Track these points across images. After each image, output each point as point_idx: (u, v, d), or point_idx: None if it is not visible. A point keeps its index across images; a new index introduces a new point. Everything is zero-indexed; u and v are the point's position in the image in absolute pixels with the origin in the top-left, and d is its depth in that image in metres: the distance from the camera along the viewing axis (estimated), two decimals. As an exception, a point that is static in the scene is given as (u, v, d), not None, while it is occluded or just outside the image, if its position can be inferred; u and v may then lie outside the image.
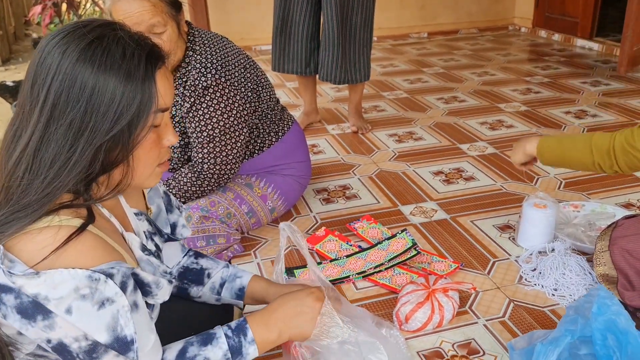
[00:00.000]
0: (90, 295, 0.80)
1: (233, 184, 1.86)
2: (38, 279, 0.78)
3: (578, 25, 4.95)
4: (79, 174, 0.81)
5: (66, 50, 0.79)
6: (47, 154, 0.80)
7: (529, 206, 1.77)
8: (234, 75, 1.73)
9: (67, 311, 0.79)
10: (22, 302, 0.78)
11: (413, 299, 1.45)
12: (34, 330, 0.80)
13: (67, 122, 0.79)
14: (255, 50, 5.09)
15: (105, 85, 0.79)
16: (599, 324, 1.05)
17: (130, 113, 0.81)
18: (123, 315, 0.83)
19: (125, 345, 0.83)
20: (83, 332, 0.81)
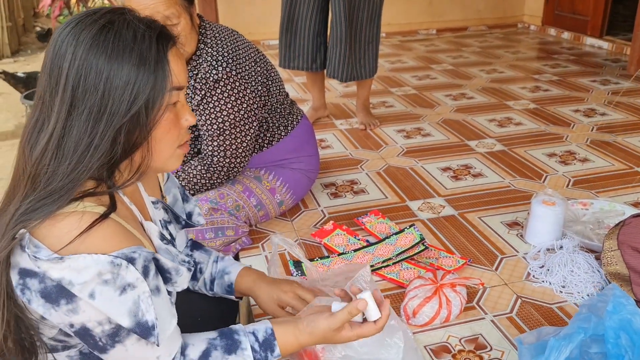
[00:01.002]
0: (112, 280, 0.81)
1: (242, 177, 1.86)
2: (62, 263, 0.79)
3: (588, 24, 4.92)
4: (102, 158, 0.82)
5: (79, 37, 0.81)
6: (71, 140, 0.81)
7: (537, 203, 1.76)
8: (245, 68, 1.74)
9: (90, 296, 0.80)
10: (46, 287, 0.80)
11: (421, 294, 1.45)
12: (57, 314, 0.82)
13: (87, 108, 0.81)
14: (264, 44, 5.09)
15: (120, 68, 0.81)
16: (613, 323, 1.05)
17: (145, 93, 0.82)
18: (144, 301, 0.84)
19: (147, 330, 0.84)
20: (106, 316, 0.82)
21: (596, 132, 2.78)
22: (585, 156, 2.50)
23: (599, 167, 2.39)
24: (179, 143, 0.92)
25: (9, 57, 5.82)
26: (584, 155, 2.50)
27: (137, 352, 0.87)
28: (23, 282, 0.81)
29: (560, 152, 2.55)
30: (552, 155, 2.52)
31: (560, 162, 2.44)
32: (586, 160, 2.46)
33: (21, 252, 0.81)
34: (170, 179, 1.16)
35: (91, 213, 0.82)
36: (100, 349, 0.85)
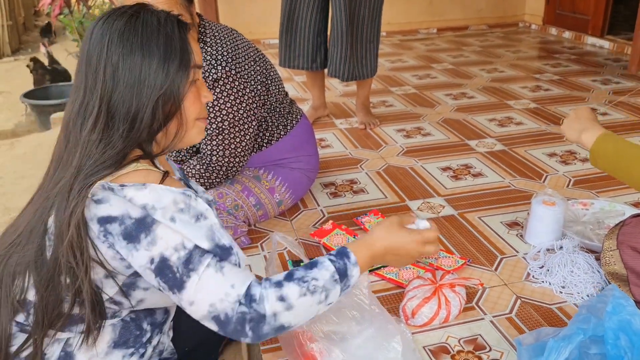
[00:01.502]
0: (186, 209, 0.93)
1: (241, 176, 1.86)
2: (145, 189, 0.91)
3: (589, 23, 4.91)
4: (147, 127, 0.95)
5: (112, 26, 0.95)
6: (118, 113, 0.94)
7: (537, 203, 1.76)
8: (244, 68, 1.73)
9: (171, 219, 0.91)
10: (126, 227, 0.91)
11: (420, 294, 1.44)
12: (139, 253, 0.91)
13: (129, 84, 0.93)
14: (264, 43, 5.08)
15: (151, 49, 0.94)
16: (612, 324, 1.04)
17: (174, 68, 0.95)
18: (217, 230, 0.95)
19: (226, 250, 0.95)
20: (183, 238, 0.91)
21: (597, 132, 2.77)
22: (586, 156, 2.49)
23: (600, 167, 2.38)
24: (198, 116, 1.03)
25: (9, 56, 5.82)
26: (585, 155, 2.50)
27: (210, 280, 0.92)
28: (104, 229, 0.91)
29: (561, 151, 2.54)
30: (553, 155, 2.51)
31: (560, 162, 2.44)
32: (587, 160, 2.45)
33: (96, 205, 0.91)
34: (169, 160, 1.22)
35: (154, 171, 0.96)
36: (179, 283, 0.92)
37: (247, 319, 0.92)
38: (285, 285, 0.96)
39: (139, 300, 1.02)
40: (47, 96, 4.16)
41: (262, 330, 0.93)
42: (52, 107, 3.89)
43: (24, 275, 0.95)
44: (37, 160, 3.07)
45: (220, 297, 0.92)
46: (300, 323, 0.98)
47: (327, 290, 0.99)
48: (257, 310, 0.92)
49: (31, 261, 0.95)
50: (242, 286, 0.93)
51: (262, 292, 0.94)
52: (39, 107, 3.96)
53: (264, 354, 1.36)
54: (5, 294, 0.96)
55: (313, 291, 0.97)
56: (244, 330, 0.92)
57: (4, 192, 2.72)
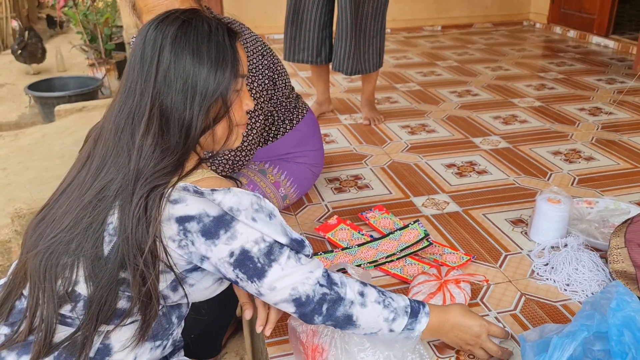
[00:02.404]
0: (260, 209, 0.99)
1: (247, 170, 1.86)
2: (229, 193, 0.95)
3: (594, 22, 4.90)
4: (201, 132, 0.99)
5: (164, 31, 0.97)
6: (173, 118, 0.96)
7: (542, 200, 1.76)
8: (252, 62, 1.73)
9: (253, 219, 0.96)
10: (204, 225, 0.95)
11: (425, 290, 1.45)
12: (218, 248, 0.96)
13: (180, 89, 0.96)
14: (268, 38, 5.07)
15: (201, 55, 0.97)
16: (616, 320, 1.04)
17: (225, 76, 0.98)
18: (286, 226, 1.02)
19: (300, 243, 1.02)
20: (263, 235, 0.97)
21: (601, 131, 2.77)
22: (591, 154, 2.49)
23: (604, 165, 2.38)
24: (239, 124, 1.08)
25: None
26: (589, 154, 2.49)
27: (291, 268, 1.00)
28: (183, 227, 0.95)
29: (565, 150, 2.54)
30: (557, 153, 2.51)
31: (565, 160, 2.44)
32: (591, 158, 2.45)
33: (172, 205, 0.94)
34: None
35: (225, 180, 1.01)
36: (260, 272, 0.98)
37: (327, 299, 1.02)
38: (368, 286, 1.07)
39: (182, 295, 1.05)
40: (50, 88, 4.16)
41: (336, 312, 1.03)
42: (56, 99, 3.89)
43: (74, 268, 0.96)
44: (41, 151, 3.07)
45: (302, 281, 1.00)
46: (363, 327, 1.07)
47: (397, 314, 1.08)
48: (338, 292, 1.03)
49: (85, 255, 0.95)
50: (319, 270, 1.03)
51: (344, 280, 1.04)
52: (43, 99, 3.96)
53: (268, 347, 1.36)
54: (50, 286, 0.96)
55: (387, 305, 1.07)
56: (321, 309, 1.02)
57: (8, 183, 2.73)
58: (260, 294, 1.01)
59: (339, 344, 1.14)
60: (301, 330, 1.19)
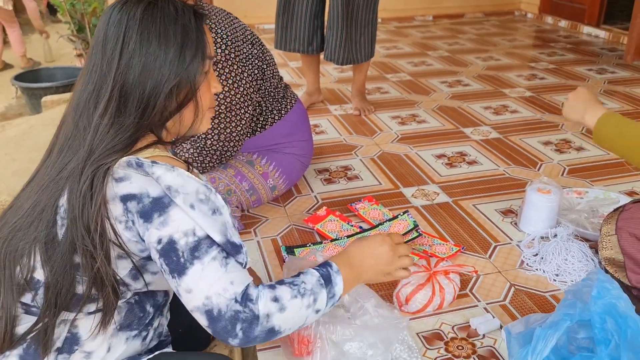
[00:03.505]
0: (206, 200, 0.93)
1: (234, 161, 1.84)
2: (173, 172, 0.91)
3: (585, 12, 4.90)
4: (159, 113, 0.96)
5: (130, 13, 0.95)
6: (132, 98, 0.94)
7: (532, 191, 1.75)
8: (243, 51, 1.71)
9: (191, 206, 0.91)
10: (143, 206, 0.91)
11: (414, 281, 1.44)
12: (150, 232, 0.91)
13: (145, 71, 0.94)
14: (258, 28, 5.03)
15: (168, 37, 0.95)
16: (598, 308, 1.04)
17: (190, 58, 0.96)
18: (229, 227, 0.95)
19: (236, 248, 0.95)
20: (196, 226, 0.91)
21: (592, 121, 2.77)
22: (581, 145, 2.48)
23: (594, 155, 2.38)
24: (208, 107, 1.05)
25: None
26: (580, 144, 2.49)
27: (212, 273, 0.91)
28: (126, 207, 0.91)
29: (556, 140, 2.54)
30: (548, 143, 2.50)
31: (555, 150, 2.43)
32: (581, 148, 2.45)
33: (116, 183, 0.91)
34: None
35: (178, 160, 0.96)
36: (181, 268, 0.91)
37: (240, 318, 0.91)
38: (278, 287, 0.97)
39: (147, 283, 1.01)
40: (37, 79, 4.11)
41: (253, 332, 0.92)
42: (43, 89, 3.85)
43: (31, 254, 0.94)
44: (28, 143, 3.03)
45: (217, 291, 0.91)
46: (290, 328, 0.98)
47: (315, 294, 1.00)
48: (252, 310, 0.91)
49: (39, 239, 0.93)
50: (241, 285, 0.92)
51: (259, 293, 0.94)
52: (30, 90, 3.91)
53: (256, 340, 1.35)
54: (9, 274, 0.94)
55: (303, 294, 0.98)
56: (234, 330, 0.91)
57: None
58: (179, 294, 0.94)
59: (324, 335, 1.13)
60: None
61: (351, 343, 1.14)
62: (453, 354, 1.30)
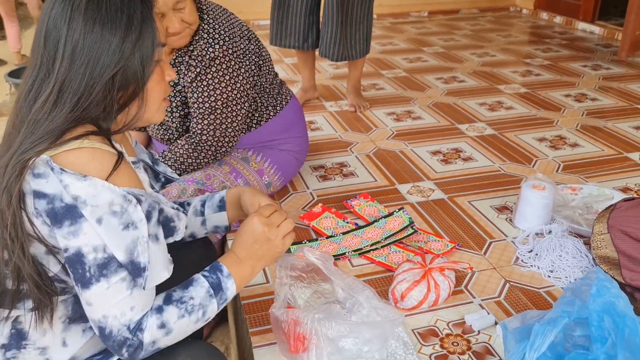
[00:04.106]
0: (120, 213, 0.89)
1: (229, 158, 1.84)
2: (84, 181, 0.87)
3: (580, 8, 4.90)
4: (97, 104, 0.91)
5: (73, 4, 0.90)
6: (70, 90, 0.90)
7: (527, 187, 1.75)
8: (240, 47, 1.71)
9: (98, 220, 0.87)
10: (53, 208, 0.87)
11: (409, 277, 1.44)
12: (56, 236, 0.88)
13: (85, 62, 0.90)
14: (254, 24, 5.02)
15: (113, 30, 0.90)
16: (596, 306, 1.05)
17: (133, 46, 0.92)
18: (141, 244, 0.91)
19: (138, 270, 0.91)
20: (104, 243, 0.88)
21: (586, 117, 2.78)
22: (576, 141, 2.49)
23: (589, 152, 2.38)
24: (164, 96, 1.02)
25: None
26: (574, 140, 2.50)
27: (116, 294, 0.91)
28: (34, 203, 0.88)
29: (551, 136, 2.54)
30: (543, 139, 2.51)
31: (550, 146, 2.44)
32: (576, 145, 2.45)
33: (34, 178, 0.87)
34: (139, 146, 1.20)
35: (105, 151, 0.90)
36: (85, 281, 0.89)
37: (126, 344, 0.93)
38: (165, 309, 0.97)
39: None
40: (32, 75, 4.09)
41: (138, 355, 0.95)
42: (37, 86, 3.84)
43: None
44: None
45: (115, 314, 0.91)
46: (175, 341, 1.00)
47: (204, 307, 1.01)
48: (140, 339, 0.94)
49: None
50: (140, 312, 0.93)
51: (147, 322, 0.94)
52: (24, 86, 3.90)
53: (252, 336, 1.35)
54: None
55: (191, 311, 0.99)
56: (121, 351, 0.94)
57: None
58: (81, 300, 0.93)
59: (320, 331, 1.13)
60: (283, 319, 1.18)
61: (347, 339, 1.14)
62: (448, 350, 1.30)
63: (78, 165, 0.88)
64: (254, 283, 1.54)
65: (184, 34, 1.61)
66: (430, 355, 1.29)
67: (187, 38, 1.64)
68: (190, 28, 1.62)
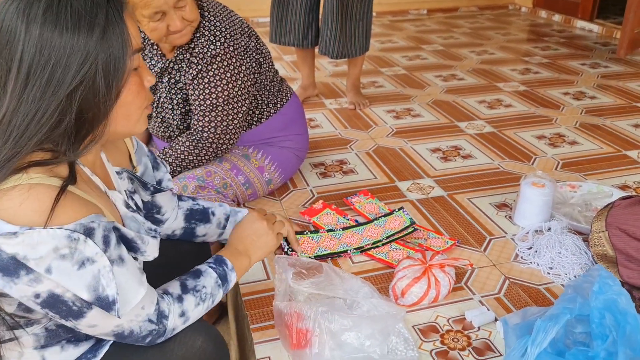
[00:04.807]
0: (70, 255, 0.79)
1: (230, 155, 1.84)
2: (16, 238, 0.76)
3: (579, 7, 4.91)
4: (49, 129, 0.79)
5: (30, 13, 0.77)
6: (19, 114, 0.78)
7: (526, 184, 1.76)
8: (241, 44, 1.71)
9: (47, 270, 0.78)
10: (2, 259, 0.77)
11: (410, 274, 1.45)
12: (18, 287, 0.79)
13: (42, 83, 0.77)
14: (253, 22, 5.01)
15: (77, 41, 0.78)
16: (598, 303, 1.05)
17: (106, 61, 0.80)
18: (105, 275, 0.82)
19: (107, 304, 0.84)
20: (66, 289, 0.81)
21: (585, 115, 2.79)
22: (574, 139, 2.50)
23: (588, 149, 2.39)
24: (145, 105, 0.92)
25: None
26: (573, 138, 2.51)
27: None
28: None
29: (550, 134, 2.55)
30: (542, 137, 2.52)
31: (549, 144, 2.45)
32: (575, 142, 2.46)
33: None
34: (139, 147, 1.15)
35: (41, 185, 0.79)
36: (76, 313, 0.84)
37: (152, 334, 0.95)
38: (185, 298, 1.01)
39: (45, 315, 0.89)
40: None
41: (158, 341, 0.97)
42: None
43: None
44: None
45: (129, 319, 0.90)
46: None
47: (214, 296, 1.08)
48: (165, 325, 0.96)
49: None
50: (152, 305, 0.94)
51: (170, 308, 0.97)
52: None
53: (253, 332, 1.35)
54: None
55: (204, 299, 1.05)
56: (144, 341, 0.95)
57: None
58: (75, 328, 0.87)
59: (323, 325, 1.14)
60: (286, 312, 1.19)
61: (349, 333, 1.15)
62: (448, 346, 1.31)
63: (9, 210, 0.77)
64: (255, 280, 1.54)
65: (185, 31, 1.61)
66: (431, 351, 1.30)
67: (189, 36, 1.64)
68: (192, 26, 1.62)
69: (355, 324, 1.16)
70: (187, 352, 0.99)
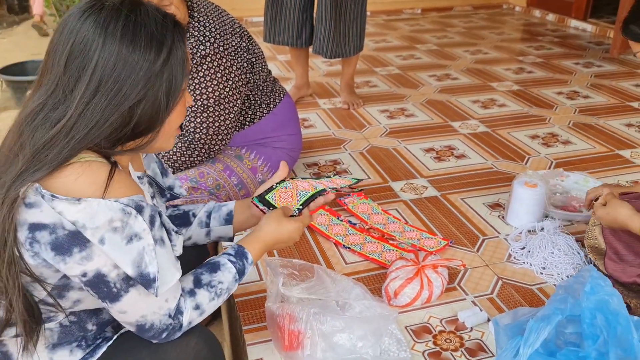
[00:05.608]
0: (121, 228, 0.85)
1: (223, 156, 1.83)
2: (79, 205, 0.82)
3: (572, 6, 4.92)
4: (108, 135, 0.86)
5: (107, 29, 0.84)
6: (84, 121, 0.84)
7: (519, 185, 1.76)
8: (232, 44, 1.70)
9: (100, 241, 0.84)
10: (57, 238, 0.83)
11: (402, 275, 1.45)
12: (69, 265, 0.85)
13: (110, 94, 0.84)
14: (247, 21, 5.01)
15: (147, 59, 0.86)
16: (589, 303, 1.05)
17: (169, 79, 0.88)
18: (148, 253, 0.88)
19: (148, 281, 0.89)
20: (113, 264, 0.86)
21: (578, 115, 2.79)
22: (568, 138, 2.51)
23: (581, 149, 2.40)
24: (180, 123, 0.99)
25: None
26: (566, 138, 2.51)
27: (148, 297, 0.92)
28: (32, 235, 0.83)
29: (543, 134, 2.56)
30: (535, 137, 2.52)
31: (542, 144, 2.45)
32: (568, 142, 2.47)
33: (27, 209, 0.83)
34: (148, 155, 1.16)
35: (97, 162, 0.86)
36: (114, 296, 0.89)
37: (168, 329, 0.97)
38: (197, 292, 1.01)
39: (75, 300, 0.95)
40: (23, 72, 4.07)
41: (175, 336, 0.99)
42: (29, 83, 3.81)
43: None
44: (14, 137, 3.00)
45: (153, 310, 0.94)
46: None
47: (230, 290, 1.07)
48: (180, 321, 0.98)
49: None
50: (174, 300, 0.96)
51: (184, 305, 0.99)
52: (15, 83, 3.87)
53: (245, 334, 1.35)
54: None
55: (220, 294, 1.05)
56: (161, 337, 0.97)
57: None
58: (110, 312, 0.94)
59: (315, 326, 1.13)
60: (279, 313, 1.19)
61: (341, 334, 1.15)
62: (441, 347, 1.31)
63: (67, 184, 0.83)
64: (248, 281, 1.54)
65: None
66: (424, 352, 1.30)
67: None
68: None
69: (347, 325, 1.16)
70: (180, 353, 0.99)
